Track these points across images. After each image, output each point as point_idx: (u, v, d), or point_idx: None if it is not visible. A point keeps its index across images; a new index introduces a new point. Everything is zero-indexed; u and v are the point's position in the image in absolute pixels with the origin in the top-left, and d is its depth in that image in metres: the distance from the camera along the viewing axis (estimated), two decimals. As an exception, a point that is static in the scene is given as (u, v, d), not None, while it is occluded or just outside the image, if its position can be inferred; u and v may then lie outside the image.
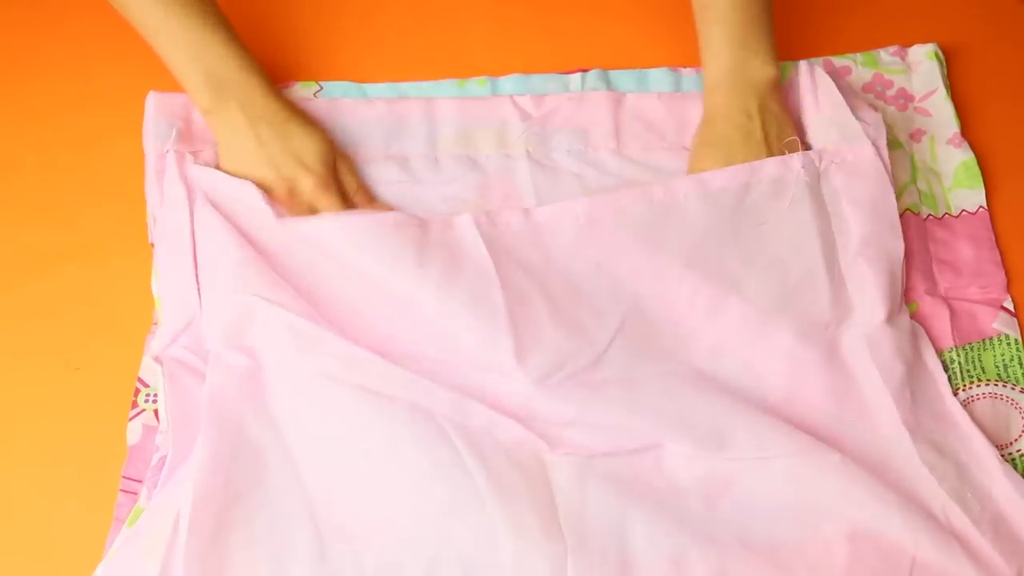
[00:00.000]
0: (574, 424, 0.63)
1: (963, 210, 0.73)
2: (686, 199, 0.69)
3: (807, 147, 0.72)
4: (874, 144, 0.70)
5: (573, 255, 0.68)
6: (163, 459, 0.61)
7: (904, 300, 0.69)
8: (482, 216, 0.68)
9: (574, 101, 0.74)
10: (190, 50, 0.67)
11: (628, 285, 0.67)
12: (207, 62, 0.67)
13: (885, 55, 0.79)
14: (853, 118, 0.71)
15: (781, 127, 0.71)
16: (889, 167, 0.70)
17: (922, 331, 0.68)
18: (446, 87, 0.77)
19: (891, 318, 0.66)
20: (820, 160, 0.70)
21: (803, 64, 0.75)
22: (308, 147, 0.69)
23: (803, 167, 0.69)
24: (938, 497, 0.61)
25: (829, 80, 0.73)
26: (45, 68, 0.73)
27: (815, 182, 0.69)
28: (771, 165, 0.69)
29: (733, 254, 0.67)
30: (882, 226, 0.68)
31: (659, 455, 0.62)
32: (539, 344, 0.64)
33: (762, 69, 0.70)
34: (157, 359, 0.64)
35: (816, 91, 0.73)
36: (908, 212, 0.72)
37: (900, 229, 0.69)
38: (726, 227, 0.68)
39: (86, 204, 0.72)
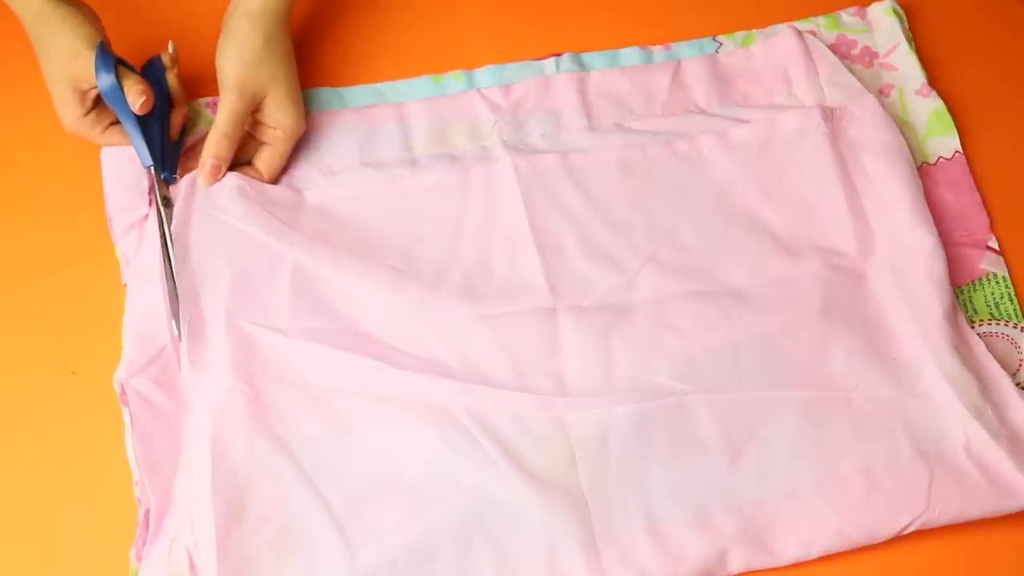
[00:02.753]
0: (600, 368, 0.64)
1: (939, 157, 0.75)
2: (709, 152, 0.72)
3: None
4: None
5: (609, 194, 0.71)
6: (147, 513, 0.60)
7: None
8: (521, 159, 0.71)
9: (541, 86, 0.75)
10: None
11: (663, 220, 0.70)
12: None
13: (846, 16, 0.80)
14: (851, 76, 0.75)
15: None
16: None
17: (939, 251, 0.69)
18: (422, 85, 0.76)
19: (914, 248, 0.68)
20: (833, 115, 0.73)
21: (789, 29, 0.77)
22: None
23: (823, 119, 0.72)
24: (956, 410, 0.63)
25: (819, 42, 0.76)
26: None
27: (833, 134, 0.73)
28: (792, 119, 0.73)
29: (759, 198, 0.71)
30: (899, 167, 0.71)
31: (681, 406, 0.63)
32: (570, 273, 0.68)
33: None
34: (122, 394, 0.63)
35: (809, 55, 0.76)
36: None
37: (915, 167, 0.72)
38: (750, 177, 0.71)
39: (85, 205, 0.71)
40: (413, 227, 0.70)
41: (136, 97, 0.66)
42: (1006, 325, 0.69)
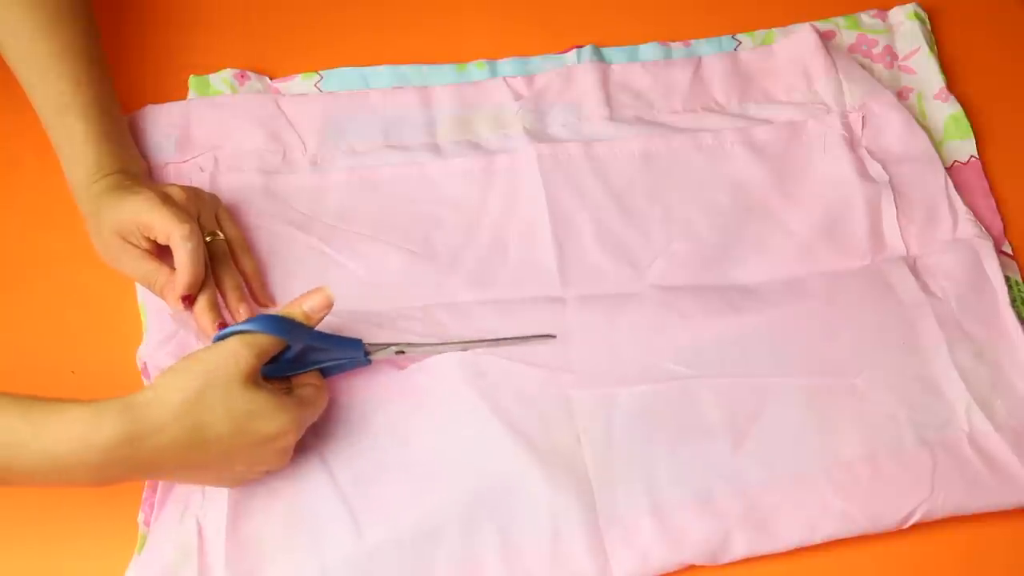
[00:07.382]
0: (606, 349, 0.65)
1: (955, 161, 0.75)
2: (732, 147, 0.73)
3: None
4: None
5: (629, 184, 0.72)
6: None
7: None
8: (544, 148, 0.72)
9: (563, 76, 0.76)
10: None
11: (680, 212, 0.71)
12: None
13: (866, 17, 0.81)
14: (869, 74, 0.76)
15: None
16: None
17: (986, 244, 0.69)
18: (446, 72, 0.77)
19: (931, 243, 0.70)
20: (852, 116, 0.75)
21: (809, 27, 0.78)
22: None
23: (841, 124, 0.74)
24: (963, 400, 0.63)
25: (837, 45, 0.78)
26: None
27: (851, 135, 0.74)
28: (812, 124, 0.74)
29: (776, 194, 0.72)
30: (917, 163, 0.72)
31: (686, 390, 0.63)
32: (584, 264, 0.68)
33: None
34: (143, 368, 0.64)
35: (828, 51, 0.77)
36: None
37: (939, 161, 0.73)
38: (769, 175, 0.72)
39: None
40: (434, 211, 0.71)
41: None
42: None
